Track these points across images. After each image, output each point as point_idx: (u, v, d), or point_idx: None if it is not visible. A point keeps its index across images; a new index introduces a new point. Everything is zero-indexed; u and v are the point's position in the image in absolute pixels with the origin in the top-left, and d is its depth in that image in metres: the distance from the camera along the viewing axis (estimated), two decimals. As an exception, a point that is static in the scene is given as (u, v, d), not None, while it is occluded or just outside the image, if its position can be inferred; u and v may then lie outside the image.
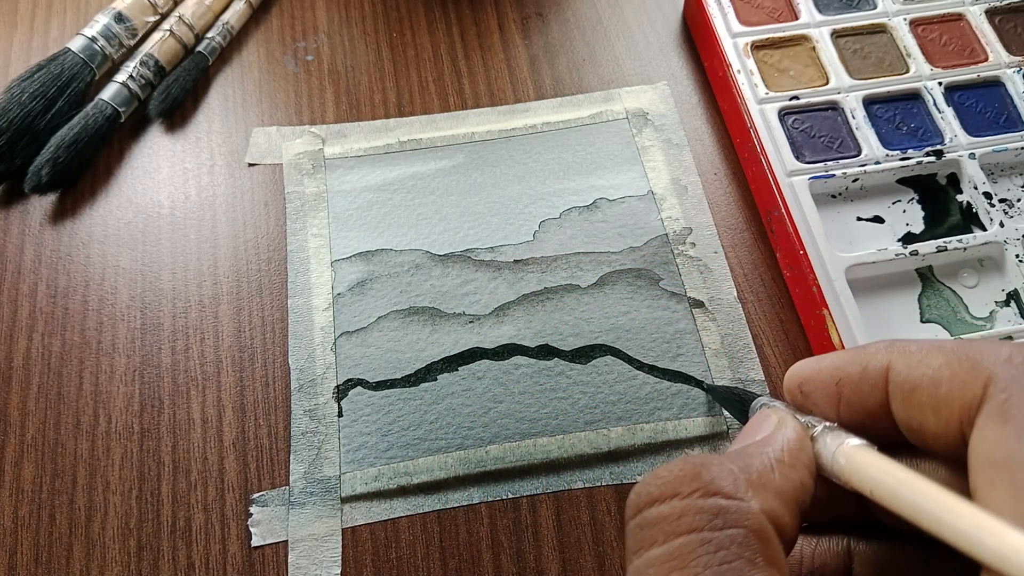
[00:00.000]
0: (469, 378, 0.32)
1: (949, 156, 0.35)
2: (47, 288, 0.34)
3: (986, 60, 0.38)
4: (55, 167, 0.35)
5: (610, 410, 0.32)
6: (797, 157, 0.35)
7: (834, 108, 0.37)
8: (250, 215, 0.36)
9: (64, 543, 0.29)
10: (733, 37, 0.38)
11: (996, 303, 0.33)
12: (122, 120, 0.38)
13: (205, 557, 0.29)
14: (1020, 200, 0.35)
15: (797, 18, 0.39)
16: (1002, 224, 0.34)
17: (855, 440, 0.18)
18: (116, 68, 0.38)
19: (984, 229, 0.34)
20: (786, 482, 0.17)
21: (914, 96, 0.37)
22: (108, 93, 0.37)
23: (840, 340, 0.31)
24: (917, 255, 0.33)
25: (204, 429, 0.31)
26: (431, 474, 0.30)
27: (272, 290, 0.34)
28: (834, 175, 0.35)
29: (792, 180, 0.34)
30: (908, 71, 0.38)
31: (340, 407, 0.32)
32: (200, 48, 0.40)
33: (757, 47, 0.38)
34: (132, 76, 0.38)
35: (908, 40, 0.38)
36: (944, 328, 0.33)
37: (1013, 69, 0.37)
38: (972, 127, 0.36)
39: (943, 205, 0.35)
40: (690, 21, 0.42)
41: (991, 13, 0.39)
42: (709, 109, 0.40)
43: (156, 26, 0.40)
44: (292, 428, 0.31)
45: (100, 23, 0.38)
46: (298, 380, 0.32)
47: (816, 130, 0.36)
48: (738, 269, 0.35)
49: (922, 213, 0.35)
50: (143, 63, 0.38)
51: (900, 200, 0.36)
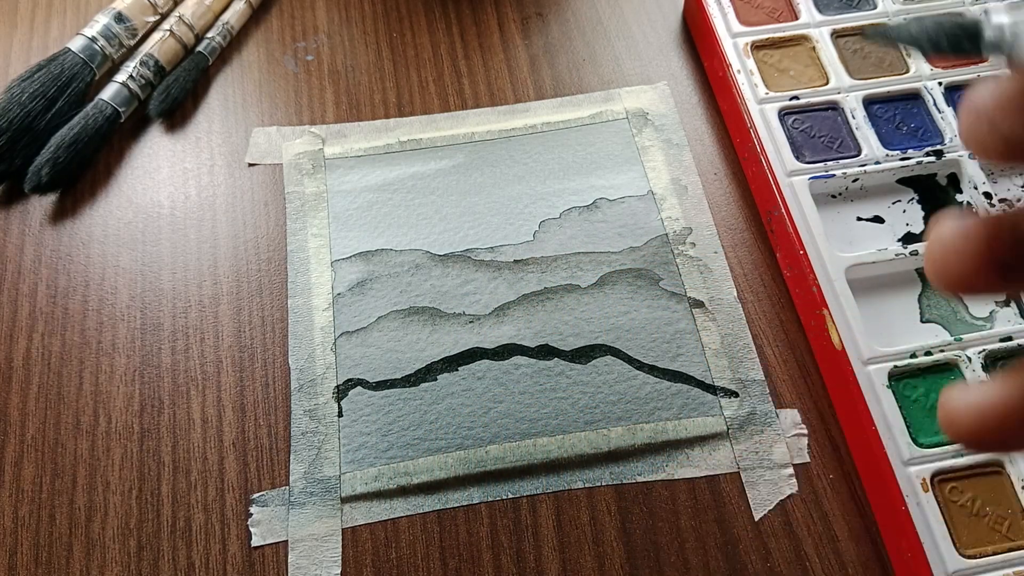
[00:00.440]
0: (469, 378, 0.32)
1: (949, 156, 0.35)
2: (47, 288, 0.34)
3: (986, 60, 0.38)
4: (55, 167, 0.35)
5: (610, 410, 0.32)
6: (797, 157, 0.35)
7: (834, 108, 0.37)
8: (250, 215, 0.36)
9: (64, 543, 0.29)
10: (733, 37, 0.38)
11: (996, 303, 0.33)
12: (122, 120, 0.38)
13: (205, 557, 0.29)
14: (1020, 200, 0.35)
15: (797, 18, 0.39)
16: (1002, 224, 0.34)
17: None
18: (116, 68, 0.38)
19: (984, 229, 0.34)
20: None
21: (914, 96, 0.37)
22: (108, 93, 0.37)
23: (840, 340, 0.31)
24: (917, 255, 0.33)
25: (204, 429, 0.31)
26: (431, 474, 0.30)
27: (272, 290, 0.34)
28: (834, 175, 0.35)
29: (792, 180, 0.34)
30: (908, 71, 0.38)
31: (340, 407, 0.32)
32: (200, 48, 0.40)
33: (757, 47, 0.38)
34: (132, 76, 0.38)
35: (908, 40, 0.38)
36: (944, 328, 0.33)
37: (1013, 69, 0.37)
38: (972, 127, 0.36)
39: (943, 205, 0.35)
40: (690, 21, 0.42)
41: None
42: (709, 109, 0.40)
43: (156, 26, 0.40)
44: (292, 428, 0.31)
45: (100, 23, 0.38)
46: (298, 380, 0.32)
47: (816, 130, 0.36)
48: (738, 269, 0.35)
49: (922, 213, 0.35)
50: (143, 63, 0.38)
51: (900, 200, 0.36)
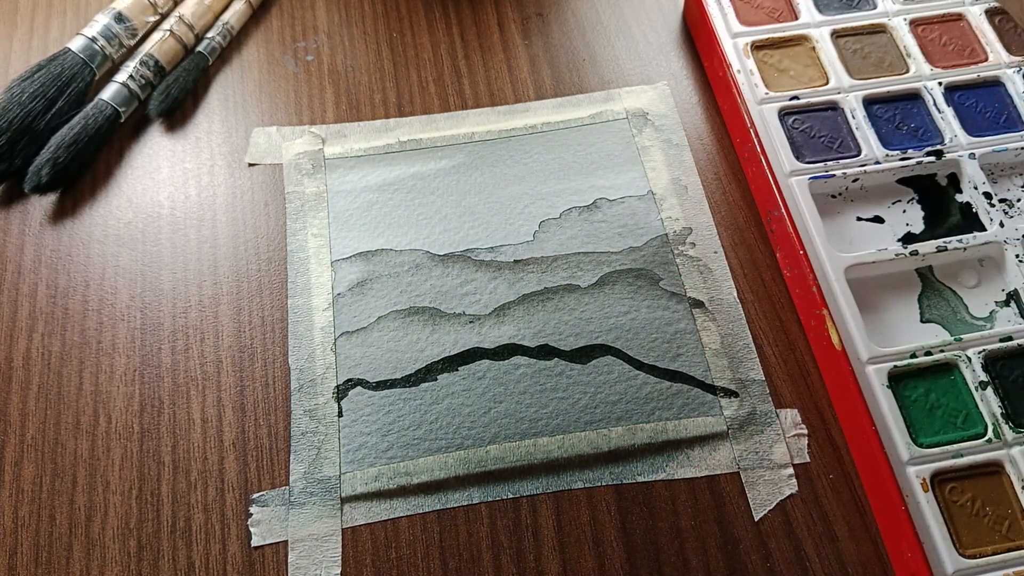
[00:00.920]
0: (469, 378, 0.32)
1: (949, 156, 0.35)
2: (47, 288, 0.34)
3: (986, 60, 0.38)
4: (55, 167, 0.35)
5: (610, 410, 0.32)
6: (797, 157, 0.35)
7: (834, 108, 0.37)
8: (250, 215, 0.36)
9: (64, 543, 0.29)
10: (733, 37, 0.38)
11: (996, 303, 0.33)
12: (122, 120, 0.38)
13: (205, 557, 0.29)
14: (1020, 200, 0.35)
15: (797, 18, 0.39)
16: (1002, 224, 0.34)
17: None
18: (116, 68, 0.38)
19: (984, 229, 0.34)
20: None
21: (914, 96, 0.37)
22: (108, 93, 0.37)
23: (840, 340, 0.31)
24: (917, 255, 0.33)
25: (204, 429, 0.31)
26: (431, 474, 0.30)
27: (272, 290, 0.35)
28: (834, 175, 0.35)
29: (792, 180, 0.34)
30: (908, 71, 0.38)
31: (340, 407, 0.32)
32: (200, 48, 0.40)
33: (757, 47, 0.38)
34: (132, 76, 0.38)
35: (908, 40, 0.38)
36: (944, 328, 0.33)
37: (1013, 69, 0.37)
38: (972, 127, 0.36)
39: (943, 205, 0.35)
40: (690, 21, 0.42)
41: (991, 13, 0.39)
42: (709, 109, 0.40)
43: (156, 26, 0.40)
44: (292, 428, 0.31)
45: (100, 23, 0.38)
46: (298, 380, 0.32)
47: (816, 130, 0.36)
48: (738, 269, 0.35)
49: (922, 213, 0.35)
50: (143, 63, 0.38)
51: (900, 200, 0.36)
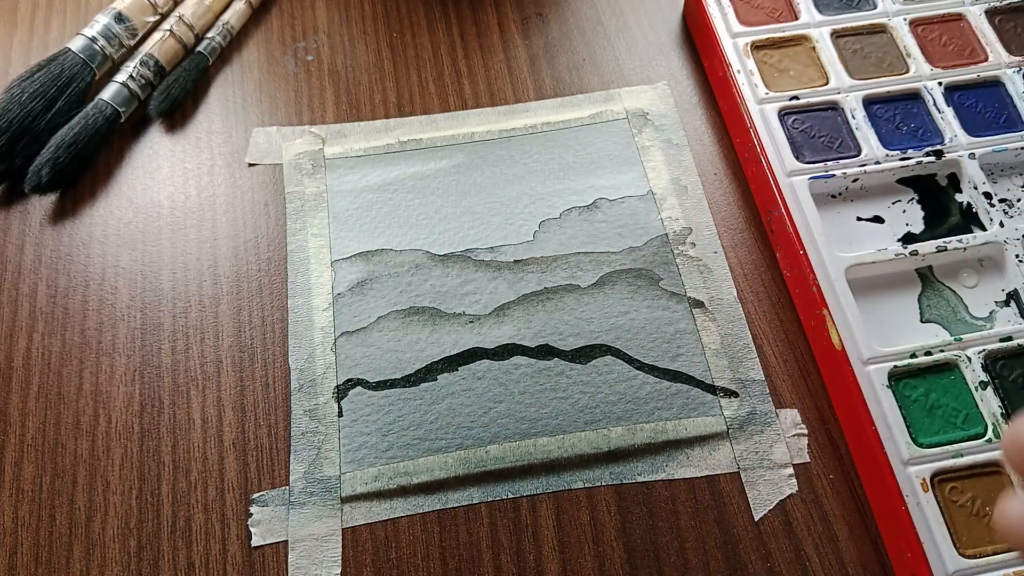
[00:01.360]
0: (469, 378, 0.32)
1: (949, 156, 0.35)
2: (47, 288, 0.34)
3: (986, 60, 0.38)
4: (55, 167, 0.35)
5: (610, 410, 0.32)
6: (797, 157, 0.35)
7: (834, 108, 0.37)
8: (250, 215, 0.36)
9: (64, 543, 0.29)
10: (733, 37, 0.38)
11: (996, 303, 0.33)
12: (122, 120, 0.38)
13: (205, 557, 0.29)
14: (1020, 200, 0.35)
15: (797, 18, 0.39)
16: (1002, 224, 0.34)
17: None
18: (116, 68, 0.38)
19: (984, 229, 0.34)
20: None
21: (914, 96, 0.37)
22: (108, 93, 0.37)
23: (840, 340, 0.31)
24: (917, 255, 0.33)
25: (204, 429, 0.31)
26: (431, 474, 0.30)
27: (272, 290, 0.35)
28: (834, 175, 0.35)
29: (792, 180, 0.34)
30: (908, 71, 0.38)
31: (340, 407, 0.32)
32: (200, 48, 0.40)
33: (757, 47, 0.38)
34: (132, 76, 0.38)
35: (908, 40, 0.38)
36: (944, 328, 0.33)
37: (1013, 69, 0.37)
38: (972, 127, 0.36)
39: (943, 205, 0.35)
40: (690, 21, 0.42)
41: (991, 13, 0.39)
42: (709, 109, 0.40)
43: (156, 26, 0.40)
44: (292, 428, 0.31)
45: (100, 23, 0.38)
46: (298, 380, 0.32)
47: (816, 130, 0.36)
48: (738, 269, 0.35)
49: (922, 213, 0.35)
50: (143, 63, 0.38)
51: (900, 200, 0.36)
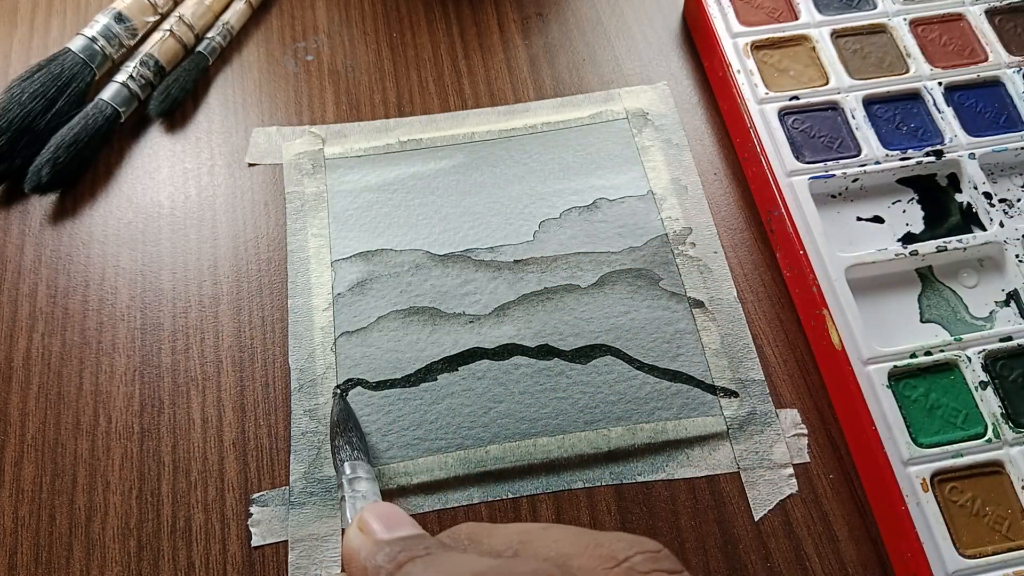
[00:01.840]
0: (469, 378, 0.32)
1: (949, 156, 0.35)
2: (47, 288, 0.34)
3: (986, 60, 0.38)
4: (55, 167, 0.35)
5: (610, 410, 0.32)
6: (797, 157, 0.35)
7: (834, 108, 0.37)
8: (250, 215, 0.36)
9: (64, 543, 0.29)
10: (733, 37, 0.38)
11: (996, 303, 0.33)
12: (122, 120, 0.38)
13: (205, 557, 0.29)
14: (1020, 200, 0.35)
15: (797, 18, 0.39)
16: (1002, 224, 0.34)
17: None
18: (116, 68, 0.38)
19: (984, 229, 0.34)
20: None
21: (914, 96, 0.37)
22: (108, 93, 0.37)
23: (840, 340, 0.31)
24: (917, 255, 0.33)
25: (204, 429, 0.31)
26: (431, 474, 0.30)
27: (272, 290, 0.34)
28: (834, 175, 0.35)
29: (792, 180, 0.34)
30: (908, 71, 0.38)
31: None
32: (200, 48, 0.40)
33: (757, 47, 0.38)
34: (132, 76, 0.38)
35: (908, 40, 0.38)
36: (944, 328, 0.33)
37: (1013, 69, 0.37)
38: (972, 127, 0.36)
39: (943, 205, 0.35)
40: (690, 21, 0.42)
41: (991, 13, 0.39)
42: (709, 109, 0.40)
43: (156, 26, 0.40)
44: (292, 428, 0.31)
45: (100, 23, 0.38)
46: (298, 380, 0.32)
47: (816, 130, 0.36)
48: (738, 269, 0.35)
49: (922, 213, 0.35)
50: (143, 63, 0.38)
51: (900, 200, 0.36)
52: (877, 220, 0.35)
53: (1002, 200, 0.35)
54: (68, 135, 0.36)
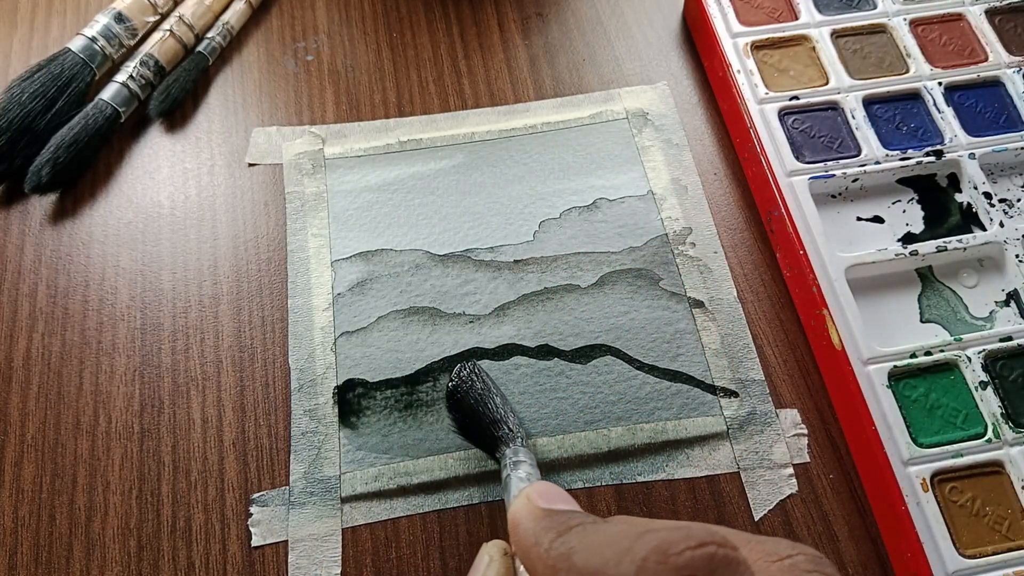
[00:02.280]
0: (469, 378, 0.32)
1: (949, 156, 0.35)
2: (47, 288, 0.34)
3: (986, 60, 0.38)
4: (55, 167, 0.35)
5: (610, 410, 0.32)
6: (797, 157, 0.35)
7: (834, 108, 0.37)
8: (250, 215, 0.36)
9: (64, 543, 0.29)
10: (733, 37, 0.38)
11: (996, 303, 0.33)
12: (122, 120, 0.38)
13: (205, 557, 0.29)
14: (1020, 200, 0.35)
15: (797, 18, 0.39)
16: (1002, 224, 0.34)
17: None
18: (116, 68, 0.38)
19: (984, 229, 0.34)
20: None
21: (914, 96, 0.37)
22: (108, 93, 0.37)
23: (840, 340, 0.31)
24: (917, 255, 0.33)
25: (204, 429, 0.31)
26: (431, 474, 0.30)
27: (272, 290, 0.34)
28: (834, 175, 0.35)
29: (792, 180, 0.34)
30: (908, 71, 0.38)
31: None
32: (200, 48, 0.40)
33: (757, 47, 0.38)
34: (132, 76, 0.38)
35: (908, 40, 0.38)
36: (944, 328, 0.33)
37: (1013, 69, 0.37)
38: (972, 127, 0.36)
39: (943, 205, 0.35)
40: (690, 21, 0.42)
41: (991, 13, 0.39)
42: (709, 109, 0.40)
43: (156, 26, 0.40)
44: (292, 428, 0.31)
45: (100, 23, 0.38)
46: (298, 380, 0.32)
47: (816, 130, 0.36)
48: (738, 269, 0.35)
49: (922, 213, 0.35)
50: (143, 63, 0.38)
51: (900, 200, 0.36)
52: (877, 220, 0.35)
53: (1002, 200, 0.35)
54: (68, 135, 0.36)
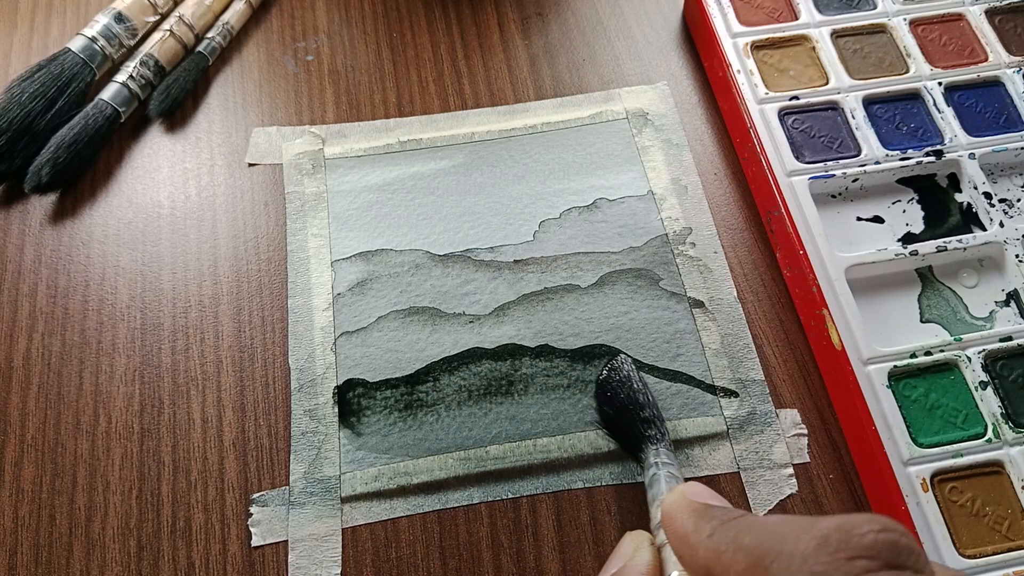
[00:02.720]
0: (469, 378, 0.32)
1: (949, 156, 0.35)
2: (47, 288, 0.34)
3: (986, 60, 0.38)
4: (55, 167, 0.35)
5: (610, 410, 0.32)
6: (797, 157, 0.35)
7: (834, 108, 0.37)
8: (250, 215, 0.36)
9: (64, 543, 0.29)
10: (733, 37, 0.38)
11: (996, 303, 0.33)
12: (122, 120, 0.38)
13: (205, 557, 0.29)
14: (1020, 200, 0.35)
15: (797, 18, 0.39)
16: (1002, 224, 0.34)
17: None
18: (116, 68, 0.38)
19: (984, 229, 0.34)
20: None
21: (914, 96, 0.37)
22: (108, 93, 0.37)
23: (840, 340, 0.31)
24: (917, 255, 0.33)
25: (204, 429, 0.31)
26: (431, 474, 0.30)
27: (272, 290, 0.35)
28: (834, 175, 0.35)
29: (792, 180, 0.34)
30: (908, 71, 0.38)
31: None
32: (200, 48, 0.40)
33: (757, 47, 0.38)
34: (132, 76, 0.38)
35: (908, 40, 0.38)
36: (944, 328, 0.33)
37: (1013, 69, 0.37)
38: (972, 127, 0.36)
39: (943, 205, 0.35)
40: (690, 21, 0.42)
41: (991, 13, 0.39)
42: (709, 109, 0.40)
43: (156, 26, 0.40)
44: (292, 428, 0.31)
45: (100, 23, 0.38)
46: (298, 380, 0.32)
47: (816, 130, 0.36)
48: (738, 269, 0.35)
49: (922, 213, 0.35)
50: (143, 63, 0.38)
51: (900, 200, 0.36)
52: (877, 220, 0.35)
53: (1002, 200, 0.35)
54: (68, 135, 0.36)
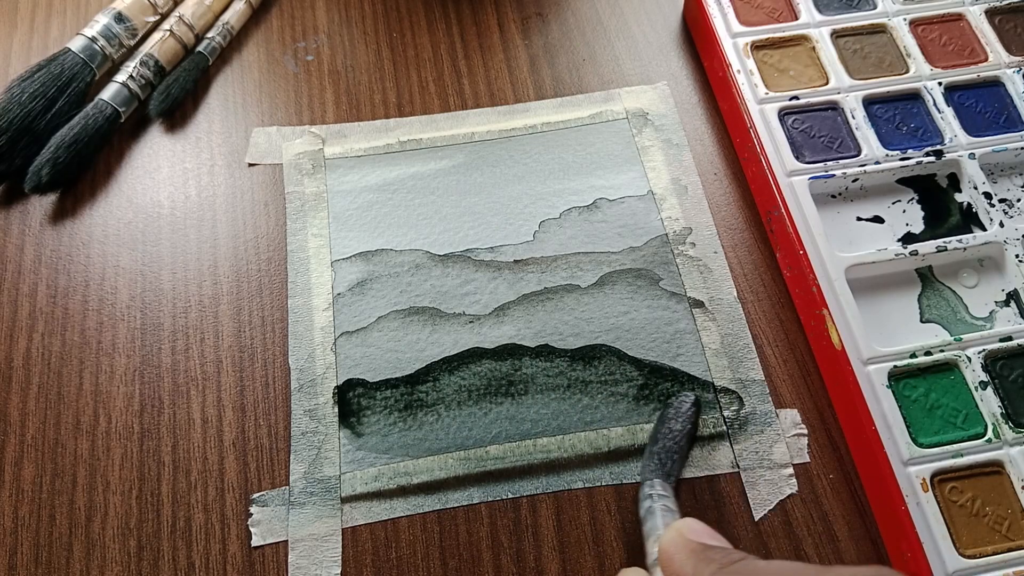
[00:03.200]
0: (469, 378, 0.32)
1: (949, 156, 0.35)
2: (47, 288, 0.34)
3: (986, 60, 0.38)
4: (55, 167, 0.35)
5: (610, 410, 0.32)
6: (797, 157, 0.35)
7: (834, 108, 0.37)
8: (250, 215, 0.36)
9: (64, 543, 0.29)
10: (733, 37, 0.38)
11: (996, 303, 0.33)
12: (122, 120, 0.38)
13: (205, 557, 0.29)
14: (1020, 200, 0.35)
15: (797, 18, 0.39)
16: (1002, 224, 0.34)
17: None
18: (116, 68, 0.38)
19: (984, 229, 0.34)
20: None
21: (914, 96, 0.37)
22: (108, 93, 0.37)
23: (840, 340, 0.31)
24: (917, 255, 0.33)
25: (204, 429, 0.31)
26: (431, 474, 0.30)
27: (272, 290, 0.35)
28: (834, 175, 0.35)
29: (792, 180, 0.34)
30: (908, 71, 0.38)
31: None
32: (200, 48, 0.40)
33: (757, 47, 0.38)
34: (132, 76, 0.38)
35: (908, 40, 0.38)
36: (944, 328, 0.33)
37: (1013, 69, 0.37)
38: (972, 127, 0.36)
39: (943, 205, 0.35)
40: (690, 21, 0.42)
41: (991, 13, 0.39)
42: (709, 109, 0.40)
43: (156, 26, 0.40)
44: (292, 428, 0.31)
45: (100, 23, 0.38)
46: (298, 380, 0.32)
47: (816, 130, 0.36)
48: (738, 269, 0.35)
49: (922, 213, 0.35)
50: (143, 63, 0.38)
51: (900, 200, 0.36)
52: (877, 220, 0.35)
53: (1002, 200, 0.35)
54: (68, 135, 0.36)
